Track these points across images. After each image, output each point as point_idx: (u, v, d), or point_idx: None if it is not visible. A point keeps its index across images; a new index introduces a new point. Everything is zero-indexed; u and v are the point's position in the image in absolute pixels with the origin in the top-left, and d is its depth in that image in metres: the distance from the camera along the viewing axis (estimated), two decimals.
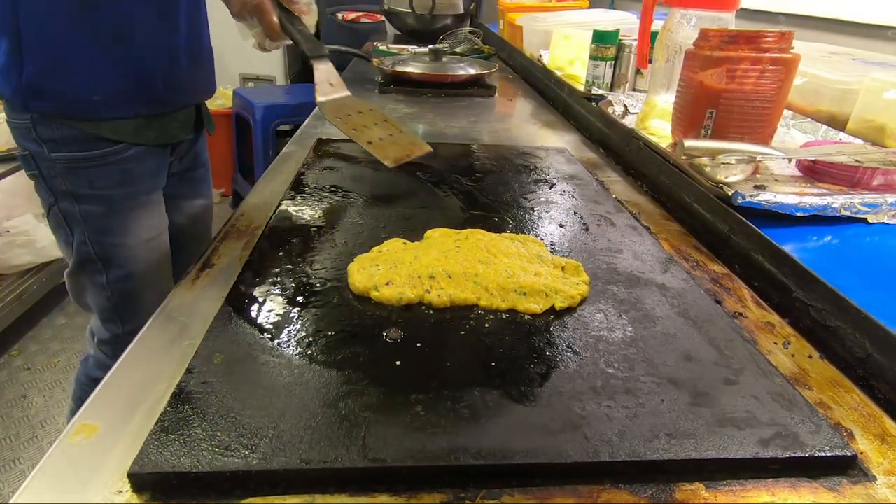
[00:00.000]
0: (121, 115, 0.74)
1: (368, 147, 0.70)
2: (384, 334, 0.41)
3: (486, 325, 0.43)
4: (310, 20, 0.82)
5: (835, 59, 0.89)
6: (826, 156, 0.65)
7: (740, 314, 0.48)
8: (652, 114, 0.86)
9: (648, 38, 0.93)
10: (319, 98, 0.72)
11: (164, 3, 0.73)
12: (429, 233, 0.56)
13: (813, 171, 0.67)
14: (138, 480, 0.29)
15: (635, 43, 1.06)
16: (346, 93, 0.74)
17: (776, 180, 0.66)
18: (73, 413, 0.82)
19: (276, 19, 0.76)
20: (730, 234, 0.58)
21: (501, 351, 0.40)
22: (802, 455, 0.32)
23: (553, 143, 0.96)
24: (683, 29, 0.79)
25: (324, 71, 0.75)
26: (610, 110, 0.95)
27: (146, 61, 0.73)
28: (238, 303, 0.44)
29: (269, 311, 0.43)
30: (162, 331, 0.43)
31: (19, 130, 0.73)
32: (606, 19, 1.43)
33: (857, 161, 0.63)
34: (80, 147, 0.73)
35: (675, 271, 0.52)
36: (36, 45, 0.67)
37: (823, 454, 0.33)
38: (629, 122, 0.90)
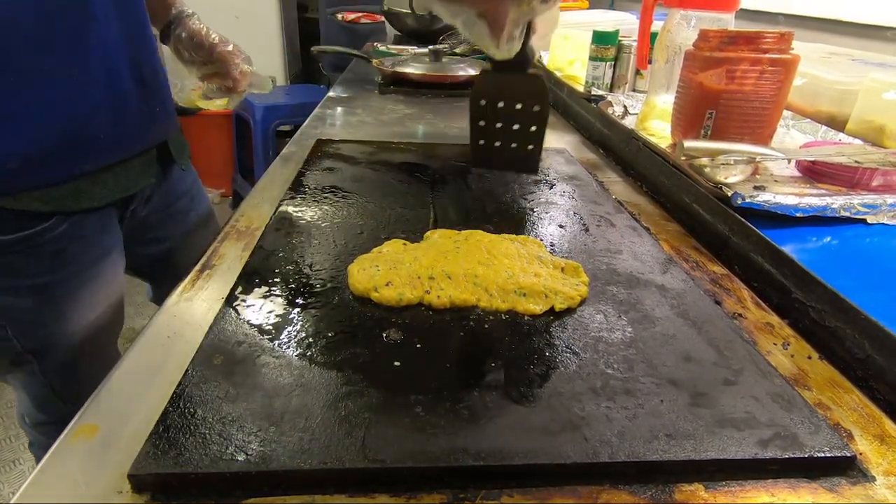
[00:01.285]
0: (52, 182, 0.57)
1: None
2: (384, 335, 0.41)
3: (486, 326, 0.43)
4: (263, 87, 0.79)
5: (834, 60, 0.90)
6: (825, 156, 0.65)
7: (740, 315, 0.48)
8: (652, 114, 0.86)
9: (648, 38, 0.93)
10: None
11: (71, 47, 0.56)
12: (428, 233, 0.56)
13: (812, 172, 0.67)
14: (138, 481, 0.29)
15: (635, 44, 1.06)
16: None
17: (776, 181, 0.66)
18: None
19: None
20: (729, 235, 0.58)
21: (501, 352, 0.40)
22: (802, 456, 0.32)
23: (553, 143, 0.96)
24: (683, 30, 0.79)
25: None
26: (609, 111, 0.95)
27: (83, 104, 0.57)
28: (238, 304, 0.44)
29: (269, 311, 0.43)
30: (162, 331, 0.43)
31: None
32: (606, 20, 1.44)
33: (856, 162, 0.63)
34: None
35: (674, 272, 0.52)
36: None
37: (823, 455, 0.33)
38: (629, 122, 0.90)
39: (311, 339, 0.40)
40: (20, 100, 0.54)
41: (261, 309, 0.44)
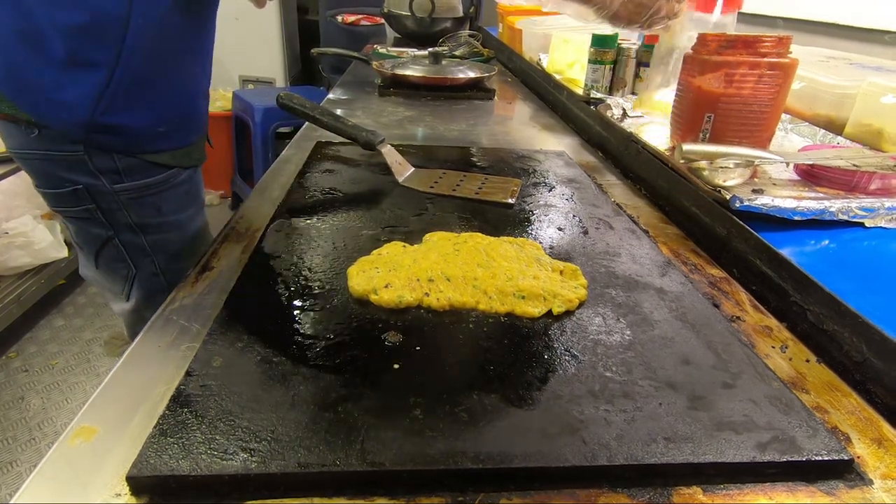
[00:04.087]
0: (180, 145, 0.75)
1: (476, 196, 0.70)
2: (383, 338, 0.41)
3: (485, 329, 0.43)
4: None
5: (832, 64, 0.90)
6: (824, 160, 0.65)
7: (738, 318, 0.49)
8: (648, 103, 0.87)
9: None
10: (400, 180, 0.72)
11: (204, 50, 0.77)
12: (428, 236, 0.56)
13: (811, 175, 0.67)
14: (137, 483, 0.29)
15: (634, 47, 1.07)
16: (411, 168, 0.76)
17: (774, 184, 0.66)
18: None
19: None
20: (728, 238, 0.59)
21: (500, 354, 0.40)
22: (799, 459, 0.33)
23: (552, 146, 0.96)
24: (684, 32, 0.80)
25: (390, 153, 0.76)
26: (609, 114, 0.95)
27: (196, 92, 0.76)
28: (237, 306, 0.44)
29: (269, 314, 0.43)
30: (161, 334, 0.43)
31: (65, 164, 0.67)
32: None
33: (854, 165, 0.63)
34: (143, 175, 0.72)
35: (673, 275, 0.52)
36: (124, 83, 0.65)
37: (820, 458, 0.33)
38: (628, 125, 0.91)
39: (310, 342, 0.40)
40: (172, 86, 0.71)
41: (260, 311, 0.44)
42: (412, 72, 1.27)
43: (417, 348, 0.40)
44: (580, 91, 1.11)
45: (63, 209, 0.72)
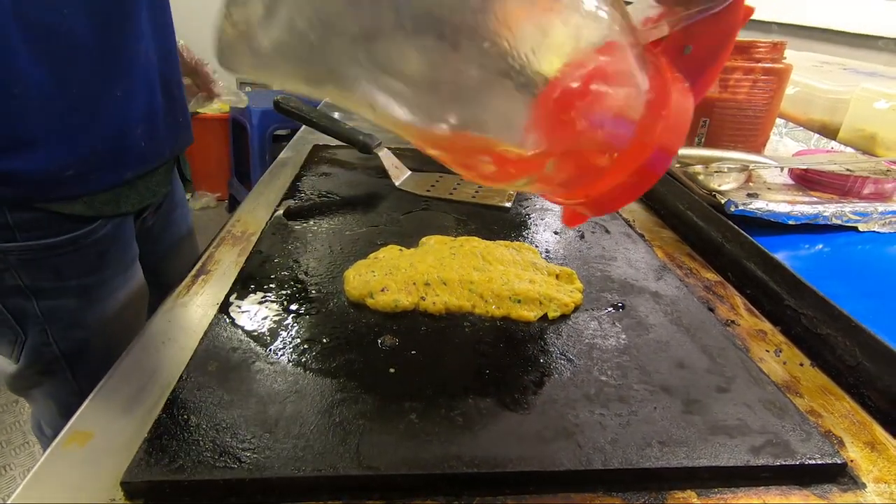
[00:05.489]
0: (99, 188, 0.61)
1: (473, 200, 0.70)
2: (379, 341, 0.41)
3: (481, 333, 0.43)
4: (216, 102, 0.85)
5: (826, 69, 0.90)
6: (818, 165, 0.66)
7: (733, 322, 0.49)
8: None
9: None
10: (397, 183, 0.72)
11: (124, 72, 0.60)
12: (424, 240, 0.56)
13: (805, 180, 0.68)
14: (131, 488, 0.29)
15: None
16: (408, 171, 0.75)
17: (769, 188, 0.66)
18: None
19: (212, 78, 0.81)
20: (723, 242, 0.59)
21: (496, 358, 0.40)
22: (793, 463, 0.33)
23: None
24: None
25: (387, 156, 0.76)
26: None
27: (124, 122, 0.61)
28: (233, 310, 0.44)
29: (264, 318, 0.43)
30: (156, 337, 0.43)
31: None
32: None
33: (848, 170, 0.63)
34: (43, 233, 0.58)
35: (668, 279, 0.53)
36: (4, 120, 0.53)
37: (814, 462, 0.33)
38: None
39: (305, 346, 0.40)
40: (79, 113, 0.57)
41: (256, 315, 0.44)
42: None
43: (413, 352, 0.40)
44: None
45: None
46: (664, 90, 0.28)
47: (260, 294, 0.46)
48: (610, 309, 0.47)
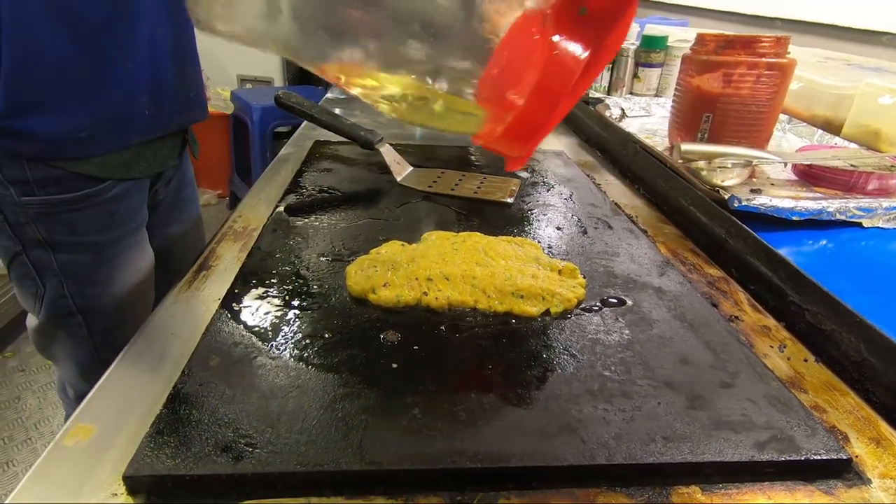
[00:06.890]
0: (107, 150, 0.66)
1: (475, 196, 0.69)
2: (381, 337, 0.41)
3: (484, 328, 0.43)
4: None
5: (830, 65, 0.90)
6: (821, 160, 0.66)
7: (736, 318, 0.49)
8: None
9: None
10: (398, 179, 0.72)
11: (132, 44, 0.65)
12: (426, 235, 0.56)
13: (808, 176, 0.68)
14: (133, 483, 0.29)
15: (633, 48, 1.07)
16: (410, 167, 0.75)
17: (772, 184, 0.66)
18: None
19: None
20: (726, 238, 0.59)
21: (498, 353, 0.40)
22: (798, 458, 0.32)
23: (550, 145, 0.96)
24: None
25: (388, 152, 0.75)
26: (607, 114, 0.95)
27: (131, 90, 0.66)
28: (235, 305, 0.44)
29: (266, 313, 0.43)
30: (158, 332, 0.43)
31: None
32: None
33: (852, 166, 0.63)
34: (60, 189, 0.64)
35: (671, 274, 0.52)
36: (14, 80, 0.58)
37: (819, 457, 0.33)
38: (626, 125, 0.91)
39: (307, 341, 0.40)
40: (91, 81, 0.63)
41: (258, 310, 0.43)
42: None
43: (416, 347, 0.40)
44: None
45: None
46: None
47: (262, 289, 0.46)
48: (613, 304, 0.47)
